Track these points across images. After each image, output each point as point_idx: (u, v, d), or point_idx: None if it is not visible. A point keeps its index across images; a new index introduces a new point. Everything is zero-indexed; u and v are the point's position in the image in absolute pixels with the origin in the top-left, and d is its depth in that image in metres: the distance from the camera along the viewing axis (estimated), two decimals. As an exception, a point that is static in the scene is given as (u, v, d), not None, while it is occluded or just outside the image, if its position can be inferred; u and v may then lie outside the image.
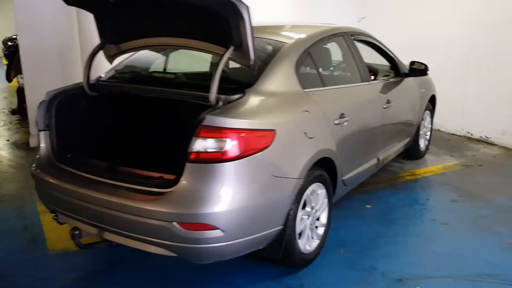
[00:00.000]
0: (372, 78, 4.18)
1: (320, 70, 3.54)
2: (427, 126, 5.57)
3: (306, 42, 3.43)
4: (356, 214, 4.09)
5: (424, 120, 5.38)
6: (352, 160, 3.70)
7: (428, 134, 5.68)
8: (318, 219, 3.31)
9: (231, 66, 3.50)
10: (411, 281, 3.07)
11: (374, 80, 4.20)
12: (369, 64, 4.20)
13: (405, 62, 4.81)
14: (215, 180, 2.52)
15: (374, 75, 4.27)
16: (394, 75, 4.67)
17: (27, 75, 6.05)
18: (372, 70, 4.23)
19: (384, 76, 4.45)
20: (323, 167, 3.22)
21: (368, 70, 4.09)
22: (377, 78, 4.28)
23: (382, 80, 4.33)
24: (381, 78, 4.36)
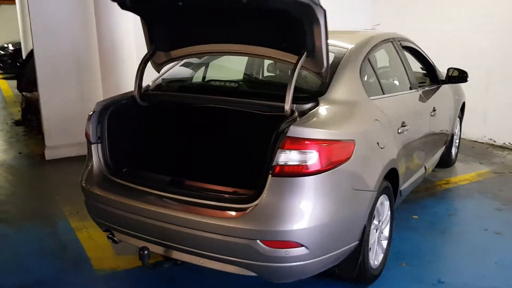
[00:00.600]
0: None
1: (379, 77, 3.42)
2: (457, 133, 5.51)
3: (365, 48, 3.29)
4: (405, 225, 3.96)
5: (455, 127, 5.31)
6: (408, 169, 3.58)
7: (457, 141, 5.61)
8: (382, 232, 3.18)
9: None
10: (483, 294, 2.97)
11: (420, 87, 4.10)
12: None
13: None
14: (301, 194, 2.37)
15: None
16: (430, 81, 4.59)
17: (42, 84, 5.79)
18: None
19: (422, 83, 4.36)
20: (387, 178, 3.10)
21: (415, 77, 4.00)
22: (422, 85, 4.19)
23: (427, 87, 4.24)
24: (426, 85, 4.27)
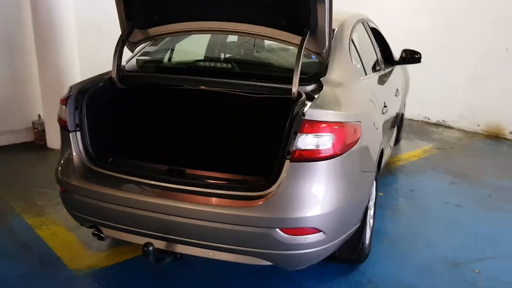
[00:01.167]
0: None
1: (361, 58, 3.42)
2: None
3: (347, 28, 3.27)
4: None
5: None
6: (385, 149, 3.65)
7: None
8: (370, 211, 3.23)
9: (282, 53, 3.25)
10: (465, 265, 3.14)
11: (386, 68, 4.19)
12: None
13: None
14: (319, 179, 2.31)
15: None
16: (386, 62, 4.70)
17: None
18: None
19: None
20: None
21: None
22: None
23: (390, 68, 4.35)
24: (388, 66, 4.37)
